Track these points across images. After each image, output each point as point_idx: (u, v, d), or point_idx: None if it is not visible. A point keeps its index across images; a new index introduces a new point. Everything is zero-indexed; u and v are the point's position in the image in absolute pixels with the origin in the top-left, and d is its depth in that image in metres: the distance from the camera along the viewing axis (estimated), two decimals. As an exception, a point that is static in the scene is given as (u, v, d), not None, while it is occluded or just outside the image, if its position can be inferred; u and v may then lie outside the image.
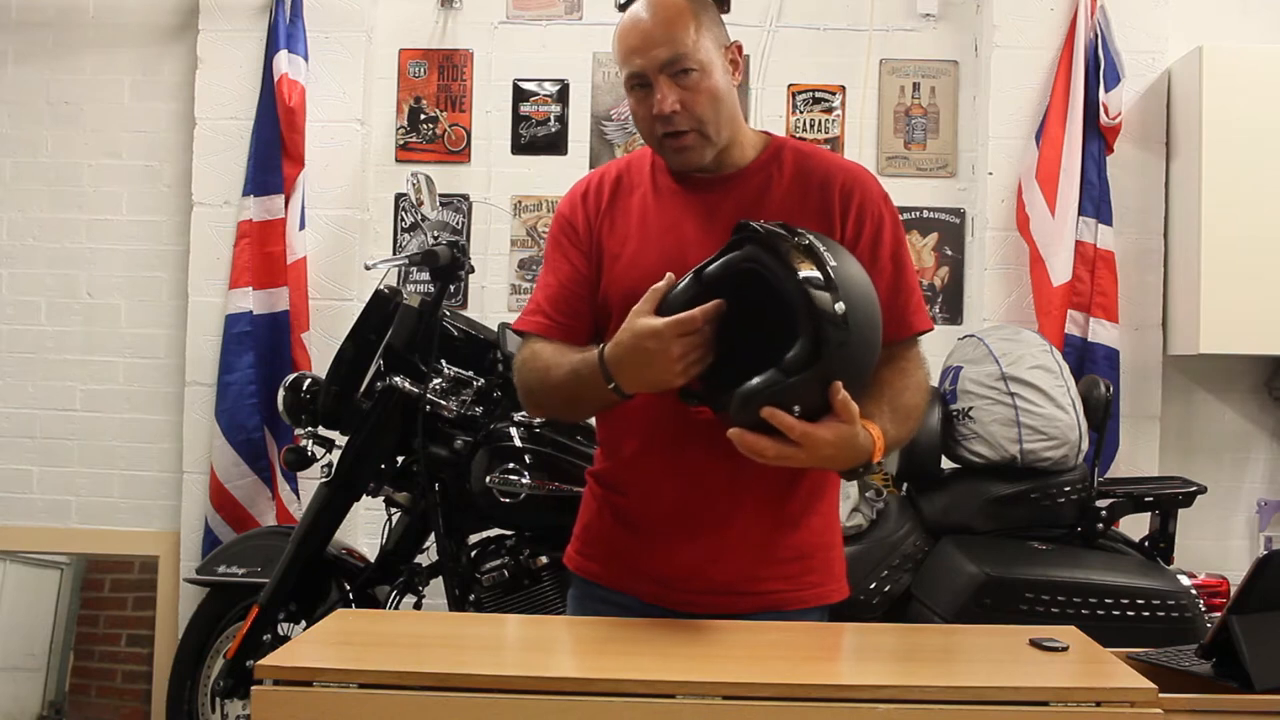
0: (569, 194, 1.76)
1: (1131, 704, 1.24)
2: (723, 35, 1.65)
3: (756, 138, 1.71)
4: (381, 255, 3.44)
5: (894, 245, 1.64)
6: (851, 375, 1.41)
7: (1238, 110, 3.14)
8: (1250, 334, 3.14)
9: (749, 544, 1.63)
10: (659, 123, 1.60)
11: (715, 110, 1.60)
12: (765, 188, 1.65)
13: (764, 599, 1.63)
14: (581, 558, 1.75)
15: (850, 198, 1.63)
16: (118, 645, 3.47)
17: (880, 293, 1.49)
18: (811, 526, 1.68)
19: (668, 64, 1.57)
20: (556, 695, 1.25)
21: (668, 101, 1.57)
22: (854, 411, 1.40)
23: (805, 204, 1.63)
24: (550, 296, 1.70)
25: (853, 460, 1.45)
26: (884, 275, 1.60)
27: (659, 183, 1.70)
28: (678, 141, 1.61)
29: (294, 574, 2.68)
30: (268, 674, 1.27)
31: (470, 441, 2.64)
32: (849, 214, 1.62)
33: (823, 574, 1.69)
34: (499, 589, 2.63)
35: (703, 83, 1.59)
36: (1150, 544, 2.69)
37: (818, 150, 1.72)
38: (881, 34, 3.51)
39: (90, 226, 3.57)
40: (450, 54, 3.59)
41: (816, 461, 1.41)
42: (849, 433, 1.41)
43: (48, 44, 3.60)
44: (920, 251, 3.51)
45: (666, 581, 1.65)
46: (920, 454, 2.74)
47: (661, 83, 1.58)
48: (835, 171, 1.65)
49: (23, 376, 3.57)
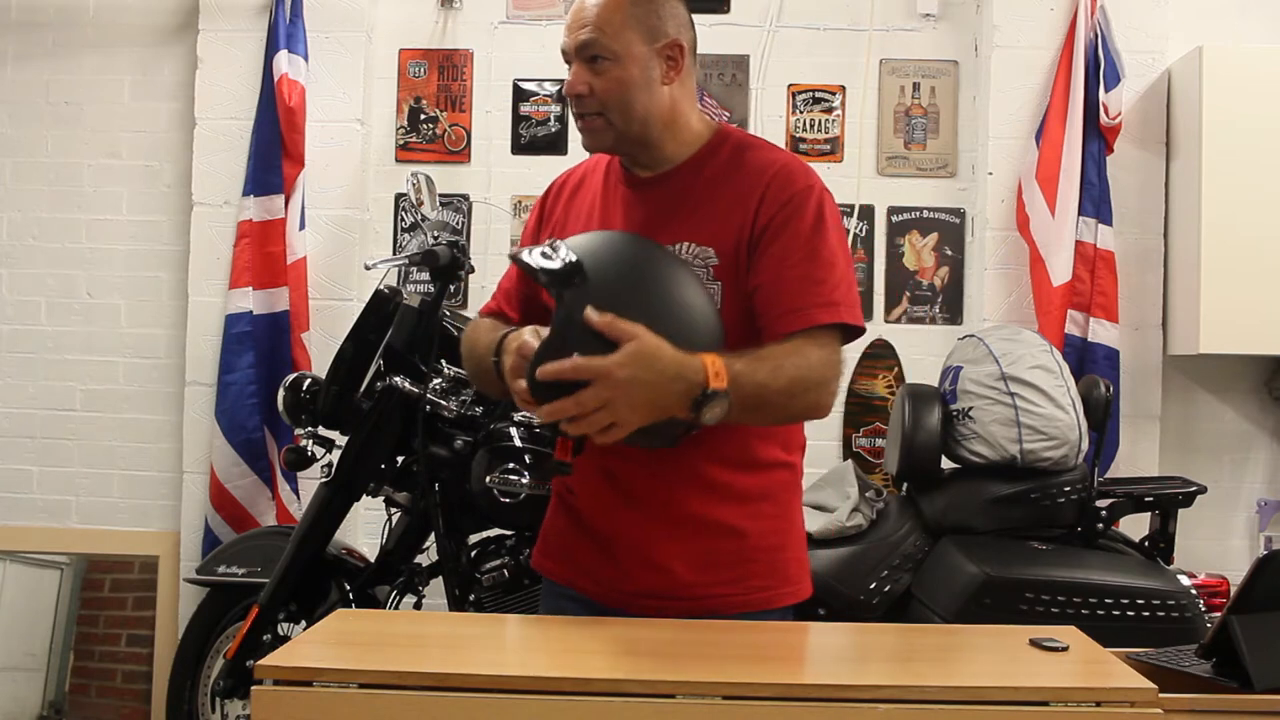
0: (546, 188, 1.85)
1: (1131, 704, 1.25)
2: (663, 30, 1.64)
3: (703, 133, 1.70)
4: (381, 255, 3.44)
5: (808, 236, 1.58)
6: (607, 307, 1.41)
7: (1238, 110, 3.14)
8: (1250, 334, 3.13)
9: (684, 552, 1.63)
10: (571, 100, 1.67)
11: (623, 100, 1.63)
12: (689, 187, 1.66)
13: (701, 603, 1.61)
14: (540, 554, 1.80)
15: (770, 187, 1.61)
16: (118, 645, 3.47)
17: (785, 282, 1.55)
18: (755, 531, 1.65)
19: (582, 46, 1.64)
20: (556, 695, 1.25)
21: (576, 82, 1.65)
22: (620, 326, 1.39)
23: (723, 199, 1.63)
24: (505, 289, 1.84)
25: (680, 386, 1.40)
26: (790, 265, 1.57)
27: (610, 182, 1.74)
28: (583, 123, 1.68)
29: (294, 574, 2.68)
30: (268, 674, 1.27)
31: (470, 441, 2.64)
32: (764, 202, 1.60)
33: (769, 578, 1.67)
34: (499, 589, 2.63)
35: (612, 71, 1.62)
36: (1150, 544, 2.69)
37: (760, 145, 1.71)
38: (881, 34, 3.51)
39: (90, 226, 3.57)
40: (450, 54, 3.59)
41: (635, 392, 1.38)
42: (637, 349, 1.39)
43: (48, 44, 3.60)
44: (920, 251, 3.51)
45: (607, 582, 1.67)
46: (920, 454, 2.74)
47: (575, 64, 1.66)
48: (766, 164, 1.64)
49: (23, 376, 3.57)
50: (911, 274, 3.51)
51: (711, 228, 1.62)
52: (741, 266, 1.60)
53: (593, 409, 1.39)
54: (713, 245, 1.61)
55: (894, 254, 3.51)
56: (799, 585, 1.70)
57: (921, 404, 2.78)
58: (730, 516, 1.64)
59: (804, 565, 1.73)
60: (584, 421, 1.40)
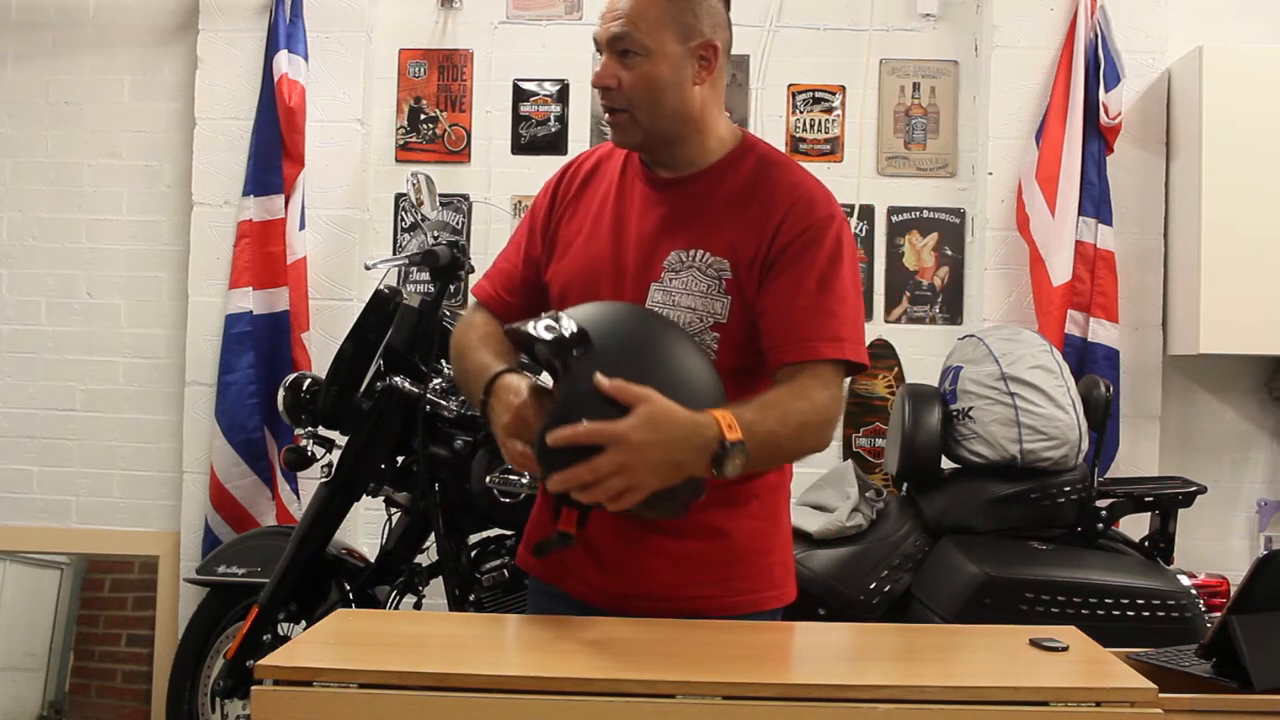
0: (555, 173, 1.79)
1: (1131, 704, 1.25)
2: (698, 29, 1.60)
3: (728, 140, 1.67)
4: (381, 255, 3.44)
5: (824, 268, 1.56)
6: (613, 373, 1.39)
7: (1238, 110, 3.14)
8: (1250, 334, 3.13)
9: (667, 553, 1.62)
10: (599, 92, 1.63)
11: (650, 98, 1.59)
12: (710, 194, 1.63)
13: (683, 605, 1.60)
14: (525, 552, 1.77)
15: (792, 210, 1.58)
16: (118, 645, 3.47)
17: (795, 310, 1.53)
18: (741, 533, 1.64)
19: (614, 39, 1.59)
20: (556, 695, 1.25)
21: (605, 75, 1.61)
22: (630, 389, 1.37)
23: (744, 213, 1.60)
24: (502, 271, 1.78)
25: (697, 442, 1.38)
26: (803, 294, 1.55)
27: (627, 176, 1.70)
28: (611, 117, 1.63)
29: (294, 574, 2.68)
30: (268, 674, 1.27)
31: (470, 441, 2.64)
32: (784, 224, 1.57)
33: (755, 580, 1.65)
34: (499, 589, 2.64)
35: (643, 67, 1.58)
36: (1150, 544, 2.69)
37: (786, 163, 1.67)
38: (881, 34, 3.51)
39: (90, 226, 3.57)
40: (450, 54, 3.59)
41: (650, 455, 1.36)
42: (649, 412, 1.37)
43: (48, 44, 3.60)
44: (920, 251, 3.51)
45: (589, 581, 1.66)
46: (920, 454, 2.74)
47: (606, 56, 1.61)
48: (791, 186, 1.60)
49: (23, 376, 3.57)
50: (911, 274, 3.51)
51: (729, 240, 1.59)
52: (752, 283, 1.58)
53: (608, 474, 1.36)
54: (728, 258, 1.58)
55: (894, 254, 3.51)
56: (783, 589, 1.69)
57: (921, 404, 2.78)
58: (714, 518, 1.62)
59: (789, 569, 1.71)
60: (598, 488, 1.37)
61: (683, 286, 1.59)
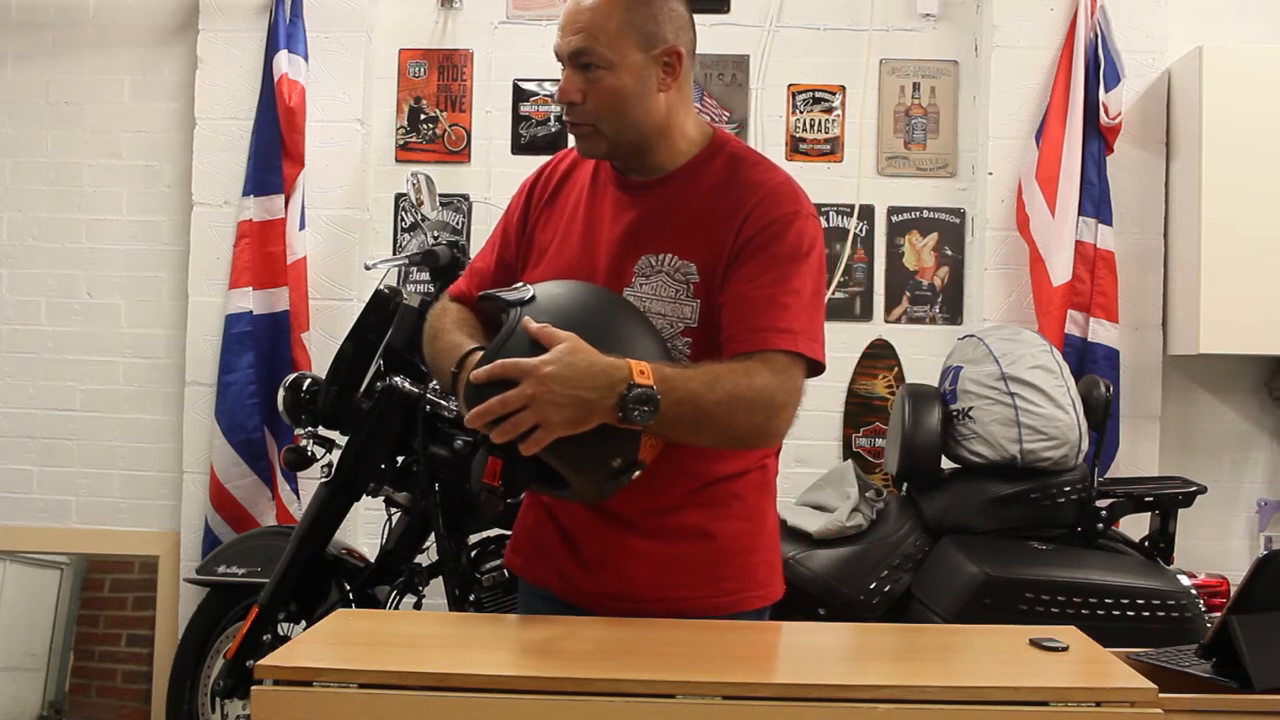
0: (530, 175, 1.78)
1: (1131, 704, 1.25)
2: (660, 35, 1.58)
3: (698, 139, 1.66)
4: (381, 255, 3.44)
5: (782, 261, 1.54)
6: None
7: (1238, 110, 3.14)
8: (1250, 334, 3.14)
9: (650, 555, 1.61)
10: (562, 106, 1.62)
11: (615, 110, 1.58)
12: (680, 196, 1.62)
13: (665, 606, 1.59)
14: (511, 550, 1.80)
15: (756, 207, 1.57)
16: (118, 645, 3.47)
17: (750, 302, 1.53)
18: (724, 534, 1.63)
19: (575, 54, 1.58)
20: (556, 695, 1.25)
21: (568, 89, 1.59)
22: (553, 332, 1.41)
23: (713, 214, 1.60)
24: (477, 270, 1.79)
25: (604, 380, 1.39)
26: (758, 285, 1.54)
27: (599, 180, 1.69)
28: (574, 129, 1.63)
29: (294, 574, 2.68)
30: (268, 674, 1.27)
31: (470, 441, 2.64)
32: (747, 222, 1.56)
33: (741, 580, 1.65)
34: (499, 589, 2.64)
35: (605, 80, 1.57)
36: (1150, 544, 2.69)
37: (755, 161, 1.65)
38: (881, 34, 3.51)
39: (90, 226, 3.57)
40: (450, 54, 3.59)
41: (558, 389, 1.37)
42: (564, 349, 1.39)
43: (48, 44, 3.60)
44: (920, 251, 3.51)
45: (573, 580, 1.66)
46: (920, 454, 2.74)
47: (567, 70, 1.60)
48: (757, 184, 1.60)
49: (23, 376, 3.57)
50: (911, 274, 3.51)
51: (696, 243, 1.58)
52: (718, 284, 1.57)
53: (515, 406, 1.38)
54: (695, 261, 1.58)
55: (894, 254, 3.51)
56: (769, 588, 1.68)
57: (921, 404, 2.78)
58: (697, 519, 1.62)
59: (775, 567, 1.70)
60: (508, 424, 1.38)
61: (652, 292, 1.59)
